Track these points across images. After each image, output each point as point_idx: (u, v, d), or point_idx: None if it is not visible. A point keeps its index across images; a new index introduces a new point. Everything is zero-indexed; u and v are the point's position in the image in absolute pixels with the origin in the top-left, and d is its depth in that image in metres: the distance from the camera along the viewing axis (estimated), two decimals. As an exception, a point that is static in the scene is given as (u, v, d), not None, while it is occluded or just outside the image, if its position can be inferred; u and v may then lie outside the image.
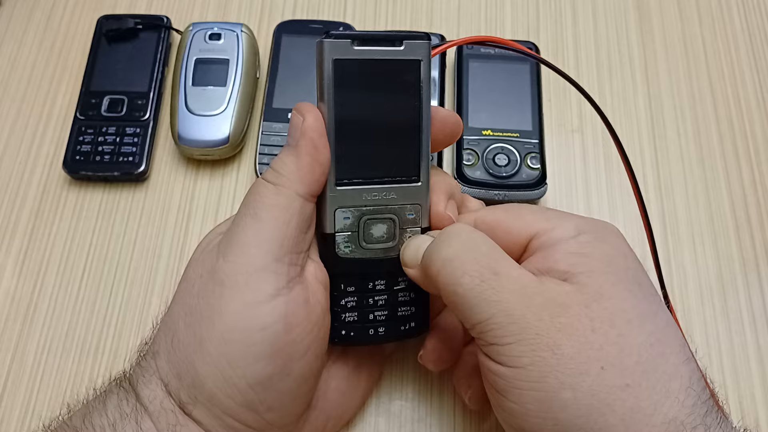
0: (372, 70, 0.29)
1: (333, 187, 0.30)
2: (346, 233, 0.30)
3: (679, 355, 0.26)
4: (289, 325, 0.27)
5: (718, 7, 0.51)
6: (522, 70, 0.45)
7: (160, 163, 0.44)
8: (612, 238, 0.29)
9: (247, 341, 0.27)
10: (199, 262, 0.29)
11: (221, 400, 0.27)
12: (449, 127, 0.32)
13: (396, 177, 0.30)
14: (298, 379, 0.28)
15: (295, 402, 0.29)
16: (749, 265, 0.41)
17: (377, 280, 0.31)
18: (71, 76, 0.47)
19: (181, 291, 0.29)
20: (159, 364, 0.28)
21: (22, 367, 0.38)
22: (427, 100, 0.30)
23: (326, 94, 0.29)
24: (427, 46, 0.29)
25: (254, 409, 0.27)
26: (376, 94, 0.29)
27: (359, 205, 0.30)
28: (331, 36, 0.28)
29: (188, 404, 0.27)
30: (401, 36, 0.29)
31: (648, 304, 0.27)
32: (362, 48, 0.29)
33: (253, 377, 0.27)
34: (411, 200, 0.31)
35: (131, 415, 0.27)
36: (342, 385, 0.33)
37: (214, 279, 0.27)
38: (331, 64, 0.28)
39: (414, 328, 0.32)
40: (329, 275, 0.30)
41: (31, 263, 0.41)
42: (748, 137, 0.46)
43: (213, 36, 0.45)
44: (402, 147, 0.30)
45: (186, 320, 0.28)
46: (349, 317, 0.31)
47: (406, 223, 0.31)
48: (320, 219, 0.30)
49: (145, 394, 0.27)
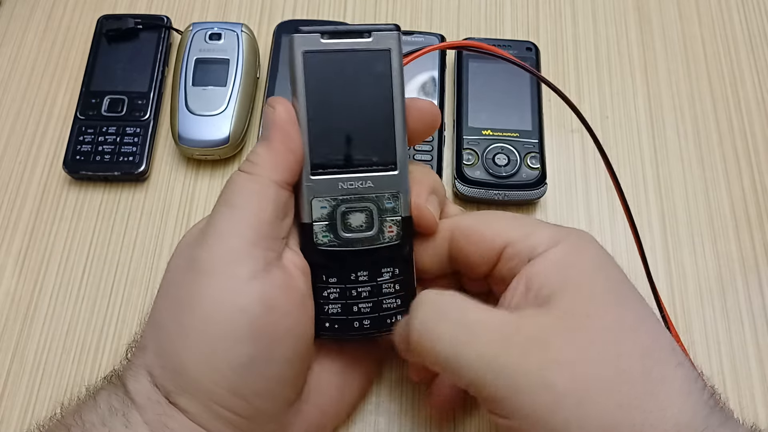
0: (342, 61, 0.30)
1: (308, 176, 0.30)
2: (324, 223, 0.30)
3: (671, 360, 0.25)
4: (266, 307, 0.27)
5: (718, 7, 0.51)
6: (522, 70, 0.45)
7: (161, 163, 0.44)
8: (589, 248, 0.29)
9: (226, 324, 0.27)
10: (179, 255, 0.30)
11: (206, 386, 0.27)
12: (427, 116, 0.32)
13: (372, 166, 0.31)
14: (282, 363, 0.28)
15: (283, 388, 0.29)
16: (749, 265, 0.41)
17: (360, 271, 0.31)
18: (71, 76, 0.47)
19: (164, 283, 0.30)
20: (146, 357, 0.28)
21: (22, 367, 0.38)
22: (399, 88, 0.30)
23: (298, 87, 0.29)
24: (396, 36, 0.30)
25: (240, 394, 0.27)
26: (347, 85, 0.30)
27: (336, 194, 0.30)
28: (300, 31, 0.29)
29: (174, 393, 0.27)
30: (369, 28, 0.30)
31: (633, 312, 0.27)
32: (331, 41, 0.30)
33: (236, 360, 0.27)
34: (388, 189, 0.31)
35: (120, 409, 0.27)
36: (336, 380, 0.33)
37: (193, 267, 0.28)
38: (301, 57, 0.29)
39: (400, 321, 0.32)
40: (310, 266, 0.31)
41: (31, 263, 0.41)
42: (748, 137, 0.46)
43: (213, 36, 0.45)
44: (376, 135, 0.30)
45: (169, 310, 0.28)
46: (333, 309, 0.31)
47: (385, 212, 0.31)
48: (298, 209, 0.31)
49: (132, 387, 0.27)
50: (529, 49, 0.47)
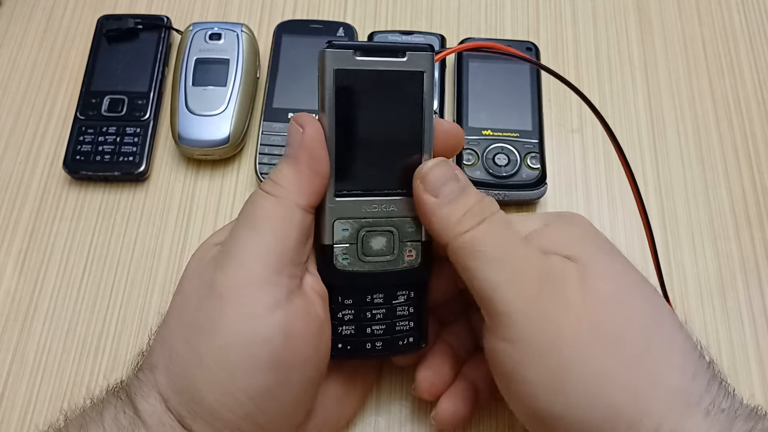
0: (374, 81, 0.29)
1: (332, 198, 0.29)
2: (345, 245, 0.30)
3: (673, 323, 0.26)
4: (288, 338, 0.27)
5: (718, 7, 0.51)
6: (522, 70, 0.45)
7: (161, 163, 0.44)
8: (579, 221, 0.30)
9: (247, 355, 0.26)
10: (195, 274, 0.29)
11: (221, 414, 0.27)
12: (452, 140, 0.32)
13: (396, 189, 0.30)
14: (299, 391, 0.28)
15: (295, 412, 0.29)
16: (749, 265, 0.41)
17: (375, 294, 0.31)
18: (71, 76, 0.47)
19: (178, 304, 0.29)
20: (157, 378, 0.28)
21: (22, 367, 0.38)
22: (429, 112, 0.30)
23: (327, 105, 0.28)
24: (430, 57, 0.29)
25: (254, 421, 0.27)
26: (377, 106, 0.29)
27: (358, 216, 0.30)
28: (333, 46, 0.28)
29: (187, 419, 0.27)
30: (404, 47, 0.29)
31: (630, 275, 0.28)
32: (364, 58, 0.28)
33: (254, 390, 0.26)
34: (411, 213, 0.30)
35: (129, 428, 0.26)
36: (338, 391, 0.33)
37: (213, 292, 0.27)
38: (333, 75, 0.28)
39: (412, 343, 0.32)
40: (327, 287, 0.30)
41: (31, 263, 0.41)
42: (748, 137, 0.46)
43: (213, 36, 0.45)
44: (403, 159, 0.30)
45: (184, 334, 0.28)
46: (346, 330, 0.31)
47: (406, 236, 0.30)
48: (318, 230, 0.30)
49: (143, 408, 0.27)
50: (529, 49, 0.47)
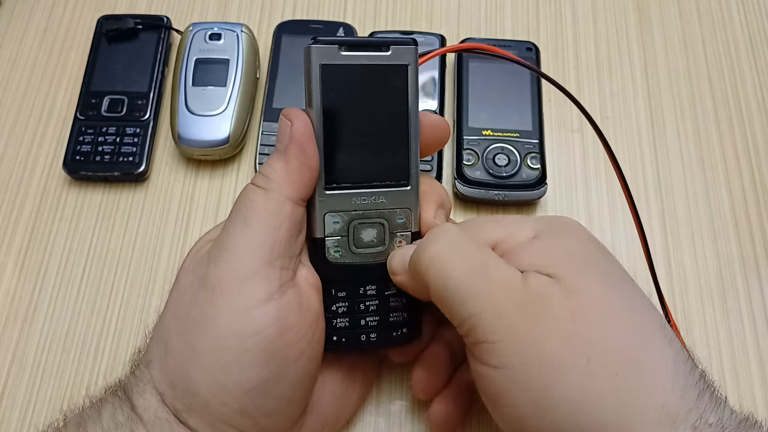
0: (359, 75, 0.29)
1: (322, 191, 0.30)
2: (336, 237, 0.30)
3: (660, 338, 0.26)
4: (282, 329, 0.27)
5: (718, 7, 0.51)
6: (522, 70, 0.45)
7: (160, 163, 0.44)
8: (573, 232, 0.29)
9: (240, 347, 0.26)
10: (190, 270, 0.29)
11: (216, 407, 0.27)
12: (439, 132, 0.32)
13: (385, 181, 0.31)
14: (293, 384, 0.28)
15: (291, 407, 0.29)
16: (749, 265, 0.41)
17: (368, 286, 0.31)
18: (71, 76, 0.47)
19: (173, 299, 0.29)
20: (153, 373, 0.28)
21: (22, 367, 0.38)
22: (414, 104, 0.30)
23: (314, 99, 0.29)
24: (414, 51, 0.30)
25: (250, 415, 0.27)
26: (364, 99, 0.30)
27: (349, 209, 0.30)
28: (318, 42, 0.29)
29: (183, 412, 0.27)
30: (388, 41, 0.30)
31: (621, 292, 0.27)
32: (349, 53, 0.29)
33: (248, 383, 0.27)
34: (401, 204, 0.31)
35: (126, 425, 0.26)
36: (337, 389, 0.33)
37: (206, 286, 0.27)
38: (319, 70, 0.29)
39: (406, 334, 0.32)
40: (321, 280, 0.30)
41: (31, 263, 0.41)
42: (748, 137, 0.46)
43: (213, 36, 0.45)
44: (391, 151, 0.30)
45: (178, 328, 0.28)
46: (340, 323, 0.31)
47: (396, 228, 0.31)
48: (310, 223, 0.30)
49: (139, 404, 0.27)
50: (529, 49, 0.47)
